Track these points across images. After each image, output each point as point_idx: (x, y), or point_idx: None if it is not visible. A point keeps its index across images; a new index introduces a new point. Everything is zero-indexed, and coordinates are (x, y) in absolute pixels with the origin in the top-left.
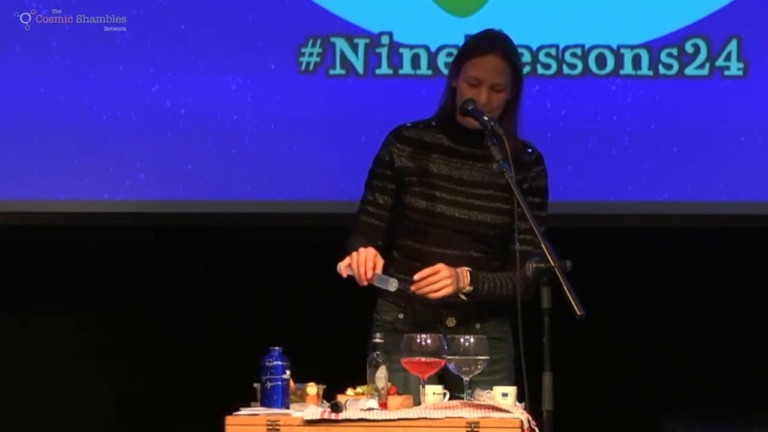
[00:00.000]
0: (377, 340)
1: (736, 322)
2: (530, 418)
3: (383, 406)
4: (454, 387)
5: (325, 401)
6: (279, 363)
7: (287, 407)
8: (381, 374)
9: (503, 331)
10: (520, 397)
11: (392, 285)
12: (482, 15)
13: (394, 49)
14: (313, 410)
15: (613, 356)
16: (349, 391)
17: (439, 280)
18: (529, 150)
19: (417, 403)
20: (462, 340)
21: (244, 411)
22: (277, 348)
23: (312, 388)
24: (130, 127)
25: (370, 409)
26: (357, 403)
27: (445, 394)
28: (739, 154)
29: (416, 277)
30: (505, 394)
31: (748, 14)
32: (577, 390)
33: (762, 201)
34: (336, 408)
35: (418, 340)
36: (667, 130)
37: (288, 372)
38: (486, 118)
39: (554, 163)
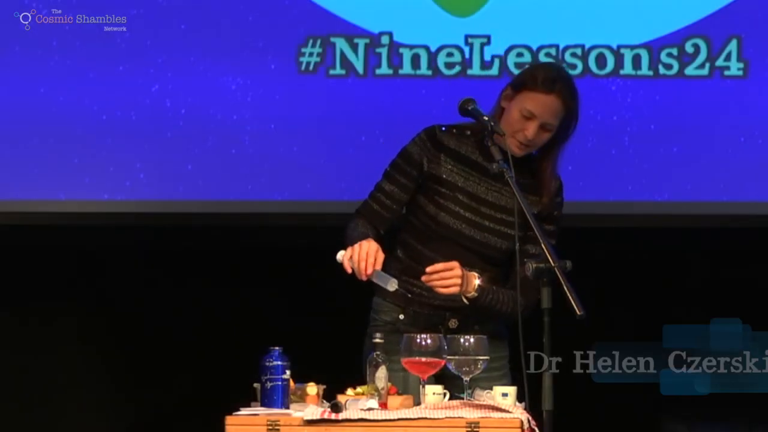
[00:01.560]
0: (377, 340)
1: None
2: (530, 418)
3: (383, 406)
4: (454, 387)
5: (325, 401)
6: (279, 363)
7: (287, 407)
8: (381, 374)
9: (500, 330)
10: (520, 397)
11: (392, 285)
12: (482, 15)
13: (394, 49)
14: (313, 410)
15: None
16: (349, 391)
17: (451, 277)
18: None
19: (417, 403)
20: (462, 340)
21: (244, 411)
22: (277, 348)
23: (312, 388)
24: (130, 127)
25: (370, 409)
26: (357, 403)
27: (445, 394)
28: (739, 154)
29: (429, 269)
30: (505, 394)
31: (748, 14)
32: (577, 390)
33: (762, 201)
34: (336, 408)
35: (418, 340)
36: (667, 130)
37: (288, 372)
38: (486, 117)
39: None
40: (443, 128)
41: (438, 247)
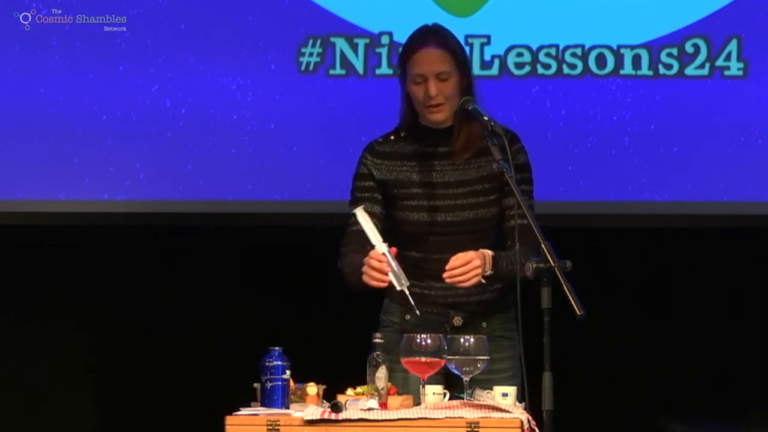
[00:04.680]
0: (377, 340)
1: (736, 321)
2: (530, 418)
3: (383, 406)
4: (454, 387)
5: (325, 401)
6: (279, 363)
7: (287, 407)
8: (381, 374)
9: (509, 329)
10: (520, 397)
11: (400, 285)
12: (482, 15)
13: (394, 49)
14: (313, 410)
15: (613, 356)
16: (349, 391)
17: (471, 269)
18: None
19: (417, 403)
20: (462, 340)
21: (244, 411)
22: (277, 348)
23: (312, 388)
24: (130, 127)
25: (370, 409)
26: (357, 403)
27: (445, 394)
28: (739, 154)
29: (449, 266)
30: (505, 394)
31: (748, 14)
32: (577, 390)
33: (762, 201)
34: (336, 408)
35: (418, 340)
36: (667, 130)
37: (288, 372)
38: (486, 118)
39: (554, 163)
40: (379, 139)
41: (433, 247)
